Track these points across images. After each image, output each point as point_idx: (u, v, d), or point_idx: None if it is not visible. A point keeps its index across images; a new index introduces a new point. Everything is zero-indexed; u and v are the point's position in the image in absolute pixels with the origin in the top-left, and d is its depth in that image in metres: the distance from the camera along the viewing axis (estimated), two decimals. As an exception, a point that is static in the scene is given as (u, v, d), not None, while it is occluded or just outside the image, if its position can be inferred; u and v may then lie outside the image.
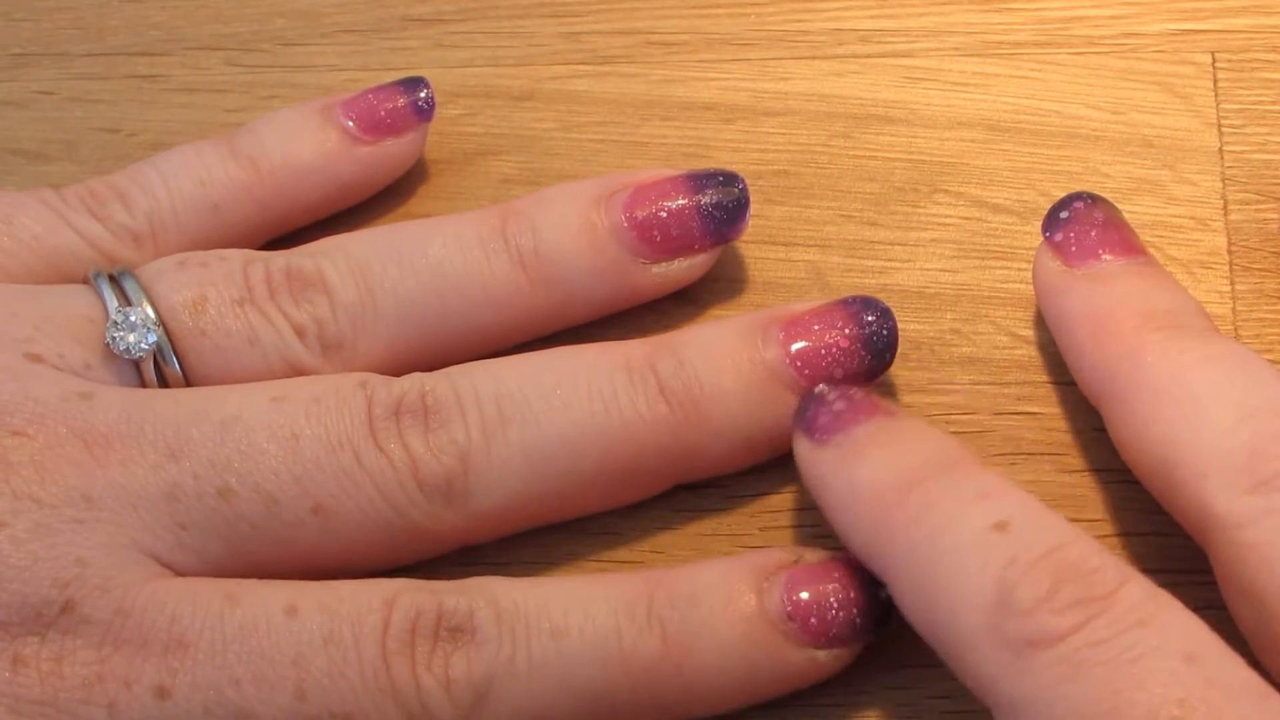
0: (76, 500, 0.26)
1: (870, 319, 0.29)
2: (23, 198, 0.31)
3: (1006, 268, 0.32)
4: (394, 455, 0.27)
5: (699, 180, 0.30)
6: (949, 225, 0.32)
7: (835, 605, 0.26)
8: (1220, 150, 0.33)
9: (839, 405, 0.27)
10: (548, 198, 0.31)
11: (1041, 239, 0.29)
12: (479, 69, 0.36)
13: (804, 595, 0.26)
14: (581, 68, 0.35)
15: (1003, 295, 0.31)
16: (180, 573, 0.27)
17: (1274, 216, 0.32)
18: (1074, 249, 0.28)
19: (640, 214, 0.30)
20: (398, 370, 0.29)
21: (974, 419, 0.30)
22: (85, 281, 0.30)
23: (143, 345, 0.28)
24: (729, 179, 0.30)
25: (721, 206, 0.30)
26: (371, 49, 0.36)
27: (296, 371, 0.29)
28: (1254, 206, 0.32)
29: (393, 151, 0.33)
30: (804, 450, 0.27)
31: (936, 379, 0.31)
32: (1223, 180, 0.32)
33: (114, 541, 0.26)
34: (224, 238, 0.32)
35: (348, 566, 0.27)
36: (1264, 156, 0.32)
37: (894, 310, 0.29)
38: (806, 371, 0.28)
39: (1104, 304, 0.27)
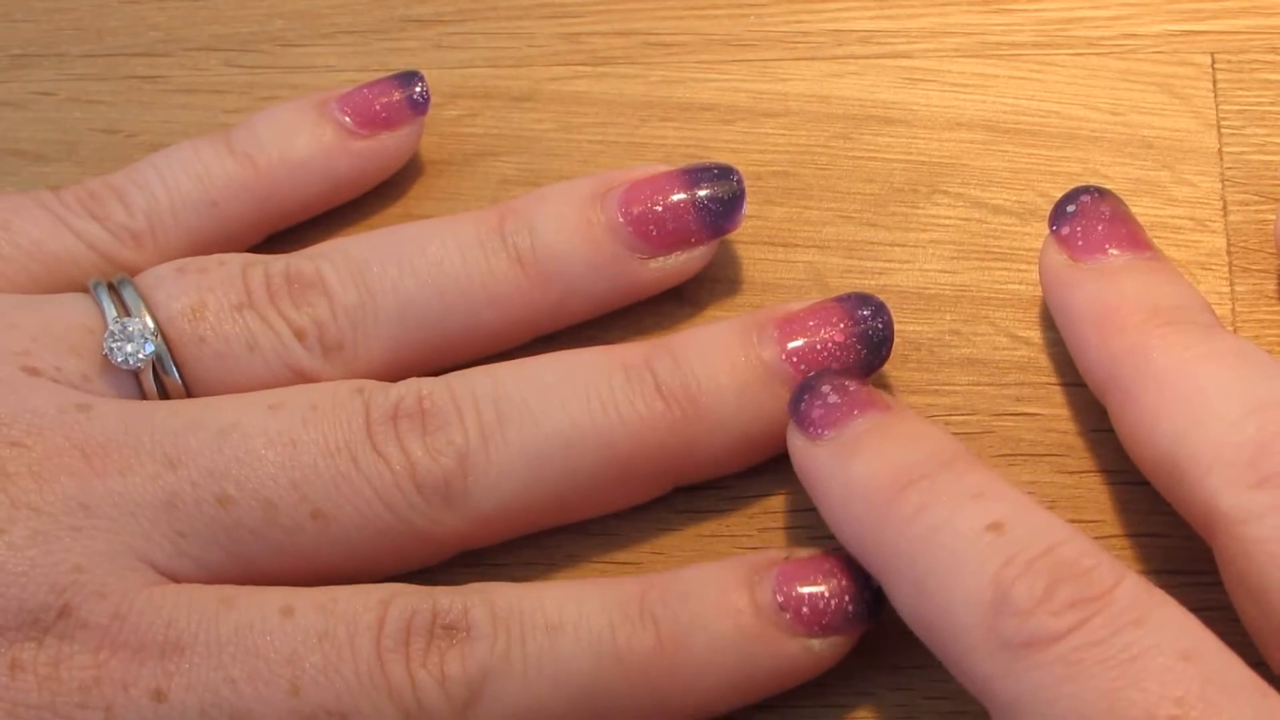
0: (74, 509, 0.26)
1: (865, 313, 0.29)
2: (21, 201, 0.31)
3: (1006, 269, 0.32)
4: (391, 459, 0.27)
5: (694, 174, 0.30)
6: (948, 226, 0.32)
7: (827, 593, 0.26)
8: (1219, 151, 0.33)
9: (833, 399, 0.27)
10: (545, 196, 0.31)
11: (1047, 233, 0.29)
12: (478, 70, 0.36)
13: (795, 586, 0.26)
14: (580, 69, 0.35)
15: (1002, 296, 0.31)
16: (180, 581, 0.27)
17: (1274, 218, 0.32)
18: (1080, 243, 0.28)
19: (636, 209, 0.30)
20: (400, 371, 0.29)
21: (973, 420, 0.30)
22: (85, 289, 0.30)
23: (140, 355, 0.28)
24: (724, 171, 0.31)
25: (717, 199, 0.30)
26: (371, 50, 0.36)
27: (297, 375, 0.29)
28: (1253, 208, 0.32)
29: (389, 146, 0.33)
30: (797, 444, 0.27)
31: (936, 380, 0.31)
32: (1222, 181, 0.32)
33: (112, 549, 0.26)
34: (223, 234, 0.32)
35: (350, 574, 0.27)
36: (1263, 157, 0.32)
37: (894, 311, 0.29)
38: (803, 367, 0.28)
39: (1110, 299, 0.27)
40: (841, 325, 0.29)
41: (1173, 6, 0.35)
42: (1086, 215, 0.28)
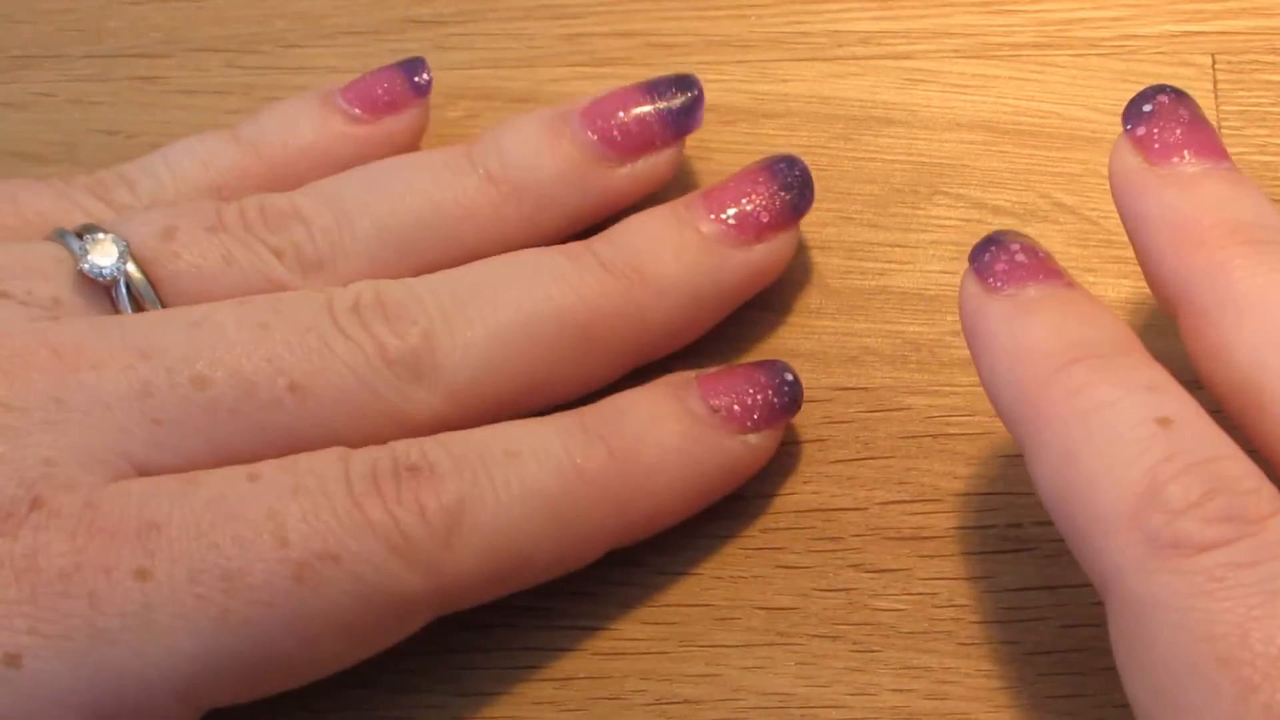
0: (46, 403, 0.26)
1: (782, 165, 0.31)
2: (30, 182, 0.31)
3: (1006, 270, 0.32)
4: (359, 338, 0.28)
5: (652, 85, 0.32)
6: (949, 227, 0.32)
7: (751, 391, 0.29)
8: (1220, 152, 0.33)
9: (1020, 257, 0.26)
10: (508, 124, 0.32)
11: (1120, 134, 0.28)
12: (479, 71, 0.36)
13: (719, 391, 0.29)
14: (581, 70, 0.35)
15: (1003, 297, 0.31)
16: (156, 473, 0.26)
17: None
18: (1157, 146, 0.27)
19: (600, 119, 0.31)
20: None
21: (973, 421, 0.30)
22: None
23: (111, 263, 0.28)
24: (682, 80, 0.32)
25: (676, 102, 0.32)
26: (371, 51, 0.36)
27: (277, 289, 0.29)
28: (1253, 208, 0.32)
29: (393, 129, 0.33)
30: (972, 293, 0.27)
31: (936, 381, 0.31)
32: (1222, 182, 0.32)
33: (85, 441, 0.26)
34: None
35: None
36: (1264, 159, 0.33)
37: (894, 312, 0.29)
38: (733, 223, 0.30)
39: (1188, 209, 0.26)
40: (762, 179, 0.31)
41: (1173, 7, 0.35)
42: (1164, 116, 0.27)
